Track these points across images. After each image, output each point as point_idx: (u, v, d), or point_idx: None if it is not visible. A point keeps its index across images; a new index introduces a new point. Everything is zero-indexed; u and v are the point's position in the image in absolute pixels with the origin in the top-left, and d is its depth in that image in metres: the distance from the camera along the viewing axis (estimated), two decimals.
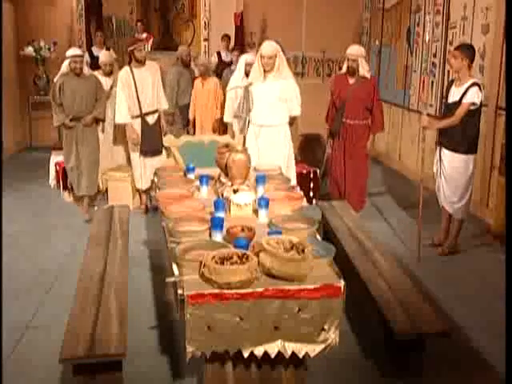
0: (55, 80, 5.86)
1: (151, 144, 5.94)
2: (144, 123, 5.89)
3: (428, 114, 5.11)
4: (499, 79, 5.75)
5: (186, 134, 6.52)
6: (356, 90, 5.65)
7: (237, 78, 6.05)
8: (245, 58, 6.16)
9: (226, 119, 6.24)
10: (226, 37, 9.00)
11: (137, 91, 5.78)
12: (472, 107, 4.71)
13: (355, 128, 5.75)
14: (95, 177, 6.03)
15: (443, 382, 3.30)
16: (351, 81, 5.70)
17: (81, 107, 5.74)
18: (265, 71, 5.08)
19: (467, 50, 4.79)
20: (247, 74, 5.72)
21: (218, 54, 8.96)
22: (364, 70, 5.63)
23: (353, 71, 5.63)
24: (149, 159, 5.96)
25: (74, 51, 5.84)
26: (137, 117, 5.86)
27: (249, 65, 5.79)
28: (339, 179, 5.92)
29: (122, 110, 5.79)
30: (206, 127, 7.07)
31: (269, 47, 5.05)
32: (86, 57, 8.85)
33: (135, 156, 6.01)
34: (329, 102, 5.98)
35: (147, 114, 5.90)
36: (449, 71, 6.58)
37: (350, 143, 5.78)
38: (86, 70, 5.95)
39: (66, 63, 5.74)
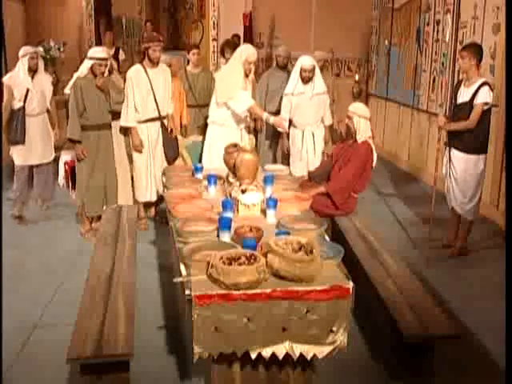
0: (71, 83, 5.22)
1: (173, 149, 5.57)
2: (163, 127, 5.47)
3: (444, 115, 5.06)
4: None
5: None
6: None
7: (291, 85, 5.74)
8: (301, 62, 5.68)
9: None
10: (236, 37, 8.99)
11: (153, 92, 5.31)
12: (484, 107, 4.69)
13: None
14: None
15: None
16: None
17: (104, 113, 5.24)
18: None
19: (474, 50, 4.76)
20: (303, 80, 5.62)
21: None
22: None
23: None
24: (152, 169, 5.47)
25: (99, 53, 5.20)
26: (153, 120, 5.41)
27: (305, 71, 5.60)
28: None
29: (129, 112, 5.27)
30: None
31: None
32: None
33: (142, 164, 5.45)
34: None
35: (164, 117, 5.48)
36: (459, 71, 6.54)
37: None
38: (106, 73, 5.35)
39: (86, 64, 5.13)
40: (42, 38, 8.99)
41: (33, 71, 5.51)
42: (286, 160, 6.05)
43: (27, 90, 5.48)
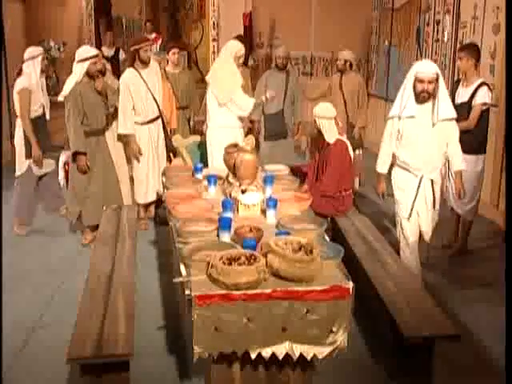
0: (69, 90, 4.86)
1: (171, 147, 5.58)
2: (163, 125, 5.50)
3: None
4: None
5: None
6: None
7: (398, 103, 4.05)
8: (416, 68, 3.89)
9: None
10: (240, 37, 8.97)
11: (151, 92, 5.30)
12: (483, 107, 4.69)
13: None
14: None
15: None
16: None
17: (103, 117, 5.02)
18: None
19: (471, 50, 4.80)
20: (418, 97, 3.84)
21: None
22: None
23: None
24: (152, 170, 5.46)
25: (89, 51, 4.95)
26: (155, 119, 5.43)
27: (422, 81, 3.77)
28: None
29: (127, 119, 5.16)
30: None
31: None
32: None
33: (142, 166, 5.43)
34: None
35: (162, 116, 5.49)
36: (459, 71, 6.55)
37: None
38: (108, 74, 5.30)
39: (80, 68, 4.84)
40: (42, 38, 9.01)
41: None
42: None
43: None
